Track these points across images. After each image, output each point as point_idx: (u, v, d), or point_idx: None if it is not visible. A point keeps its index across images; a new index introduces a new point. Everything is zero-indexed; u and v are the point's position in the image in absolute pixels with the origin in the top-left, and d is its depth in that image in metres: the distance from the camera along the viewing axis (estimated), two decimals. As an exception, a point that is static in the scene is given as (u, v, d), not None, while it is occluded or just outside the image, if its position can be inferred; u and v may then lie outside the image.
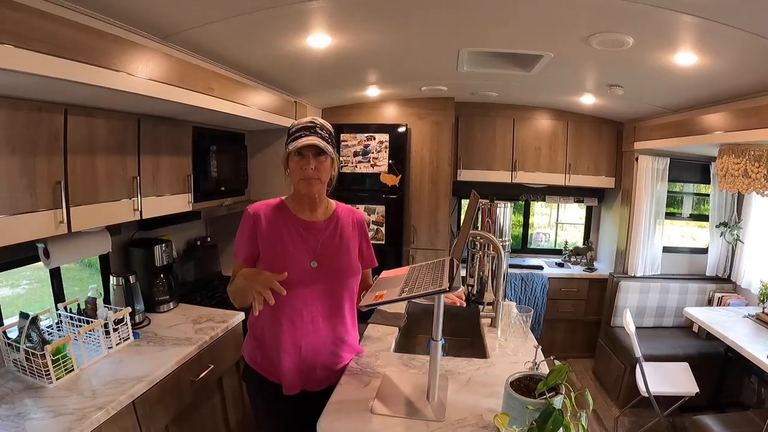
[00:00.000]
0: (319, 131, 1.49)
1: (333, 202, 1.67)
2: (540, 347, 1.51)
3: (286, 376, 1.52)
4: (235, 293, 1.48)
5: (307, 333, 1.53)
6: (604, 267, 4.20)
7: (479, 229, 2.43)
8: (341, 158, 3.79)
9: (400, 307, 2.33)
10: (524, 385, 1.27)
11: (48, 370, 1.58)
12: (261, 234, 1.51)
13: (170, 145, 2.24)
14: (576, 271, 4.11)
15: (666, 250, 3.96)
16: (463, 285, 2.48)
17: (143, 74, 1.58)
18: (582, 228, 4.71)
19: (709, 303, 3.67)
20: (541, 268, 4.09)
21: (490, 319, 2.14)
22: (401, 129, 3.73)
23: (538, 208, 5.02)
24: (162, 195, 2.18)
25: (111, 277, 2.18)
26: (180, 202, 2.32)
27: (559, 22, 1.91)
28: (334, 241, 1.59)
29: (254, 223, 1.52)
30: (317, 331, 1.55)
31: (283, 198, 1.62)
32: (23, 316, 1.70)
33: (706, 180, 3.94)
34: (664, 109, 3.26)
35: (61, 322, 1.96)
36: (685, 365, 2.99)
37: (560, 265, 4.25)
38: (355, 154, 3.77)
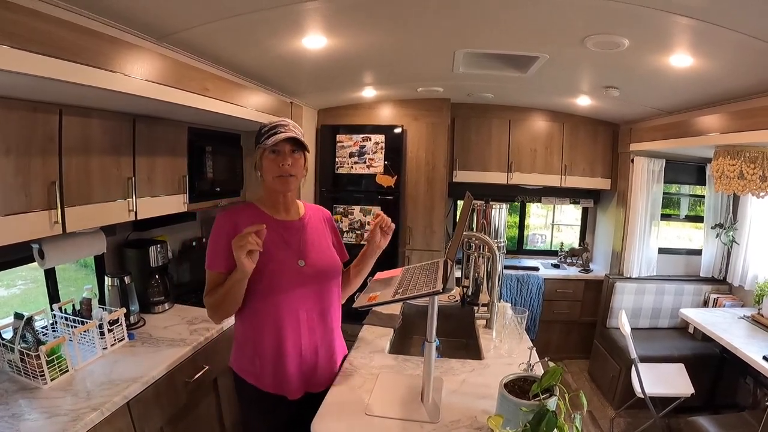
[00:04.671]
0: (293, 128, 1.49)
1: (300, 201, 1.67)
2: (534, 349, 1.51)
3: (291, 381, 1.51)
4: (225, 295, 1.41)
5: (305, 334, 1.52)
6: (599, 268, 4.21)
7: (474, 230, 2.43)
8: (337, 159, 3.80)
9: (395, 309, 2.33)
10: (518, 387, 1.27)
11: (42, 371, 1.58)
12: None
13: (165, 146, 2.24)
14: (572, 272, 4.11)
15: (661, 251, 3.97)
16: (458, 286, 2.48)
17: (139, 75, 1.57)
18: (578, 229, 4.72)
19: (705, 304, 3.68)
20: (536, 269, 4.10)
21: (485, 321, 2.15)
22: (397, 130, 3.74)
23: (533, 209, 5.04)
24: (157, 196, 2.17)
25: (106, 278, 2.18)
26: (175, 203, 2.32)
27: (555, 24, 1.92)
28: (313, 239, 1.60)
29: (234, 229, 1.41)
30: (314, 331, 1.55)
31: (252, 202, 1.58)
32: (18, 316, 1.70)
33: (701, 181, 3.95)
34: (660, 111, 3.28)
35: (56, 322, 1.96)
36: (681, 366, 2.99)
37: (556, 266, 4.26)
38: (351, 155, 3.77)
